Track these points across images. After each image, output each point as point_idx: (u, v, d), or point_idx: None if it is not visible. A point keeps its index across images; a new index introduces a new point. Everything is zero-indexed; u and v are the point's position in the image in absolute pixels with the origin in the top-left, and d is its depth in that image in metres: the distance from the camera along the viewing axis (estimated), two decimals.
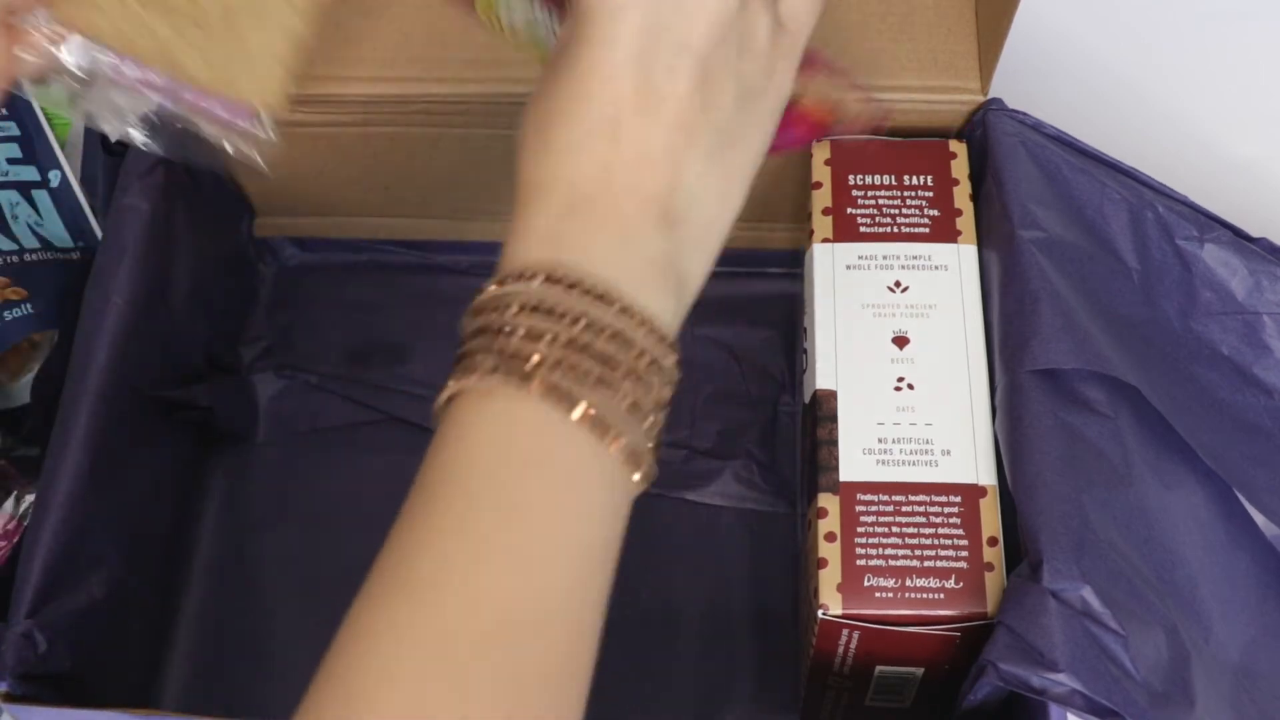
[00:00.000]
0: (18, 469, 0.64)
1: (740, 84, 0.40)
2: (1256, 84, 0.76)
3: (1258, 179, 0.73)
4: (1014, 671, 0.47)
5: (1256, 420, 0.59)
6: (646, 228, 0.38)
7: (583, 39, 0.38)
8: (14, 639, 0.52)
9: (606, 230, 0.38)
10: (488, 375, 0.36)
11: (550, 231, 0.38)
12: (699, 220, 0.40)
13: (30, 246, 0.65)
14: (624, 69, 0.38)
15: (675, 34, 0.38)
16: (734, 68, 0.40)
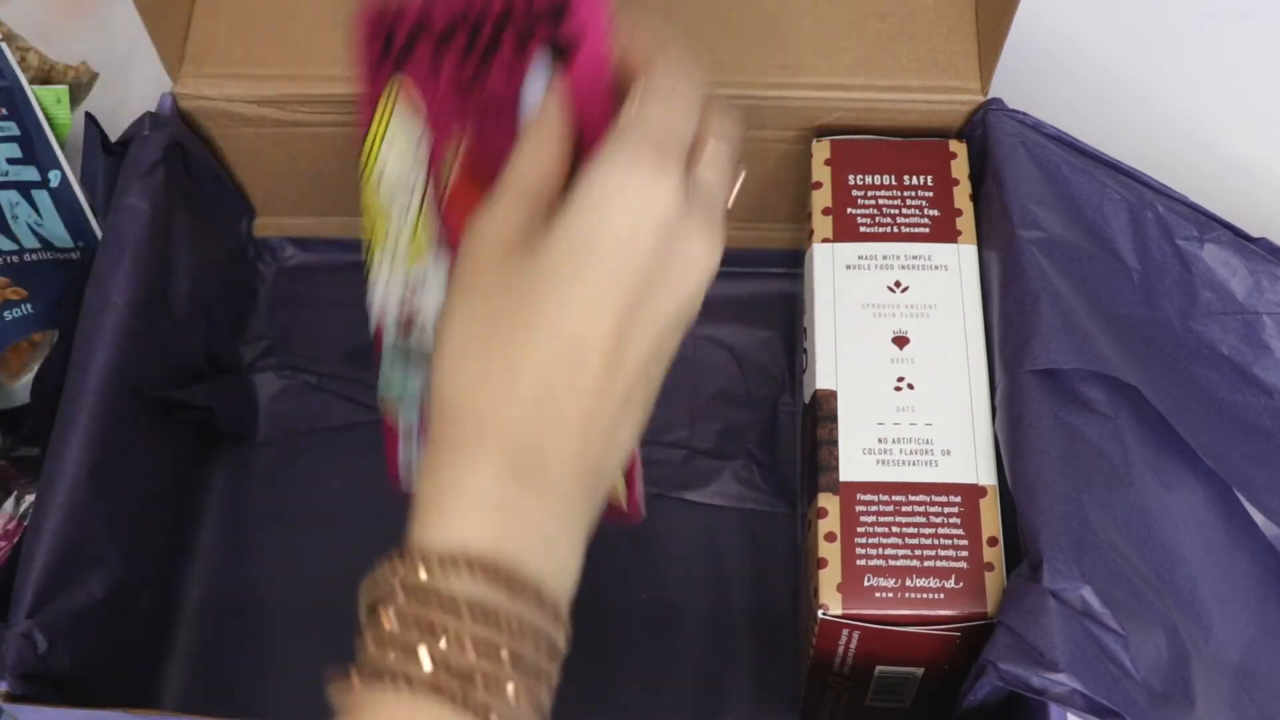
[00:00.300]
0: (18, 469, 0.64)
1: (667, 355, 0.40)
2: (1256, 84, 0.76)
3: (1258, 179, 0.73)
4: (1014, 671, 0.47)
5: (1256, 420, 0.59)
6: (583, 503, 0.37)
7: (586, 260, 0.36)
8: (14, 639, 0.52)
9: (554, 510, 0.37)
10: (426, 688, 0.34)
11: (500, 504, 0.36)
12: (617, 471, 0.39)
13: (30, 246, 0.65)
14: (609, 324, 0.37)
15: (660, 301, 0.38)
16: (672, 340, 0.39)
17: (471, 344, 0.37)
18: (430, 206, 0.48)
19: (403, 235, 0.50)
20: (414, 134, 0.48)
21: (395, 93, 0.48)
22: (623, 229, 0.36)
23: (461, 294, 0.38)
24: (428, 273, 0.49)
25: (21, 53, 0.69)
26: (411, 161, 0.49)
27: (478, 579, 0.35)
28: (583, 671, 0.42)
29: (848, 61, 0.62)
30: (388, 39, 0.48)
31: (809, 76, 0.62)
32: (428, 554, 0.35)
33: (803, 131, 0.64)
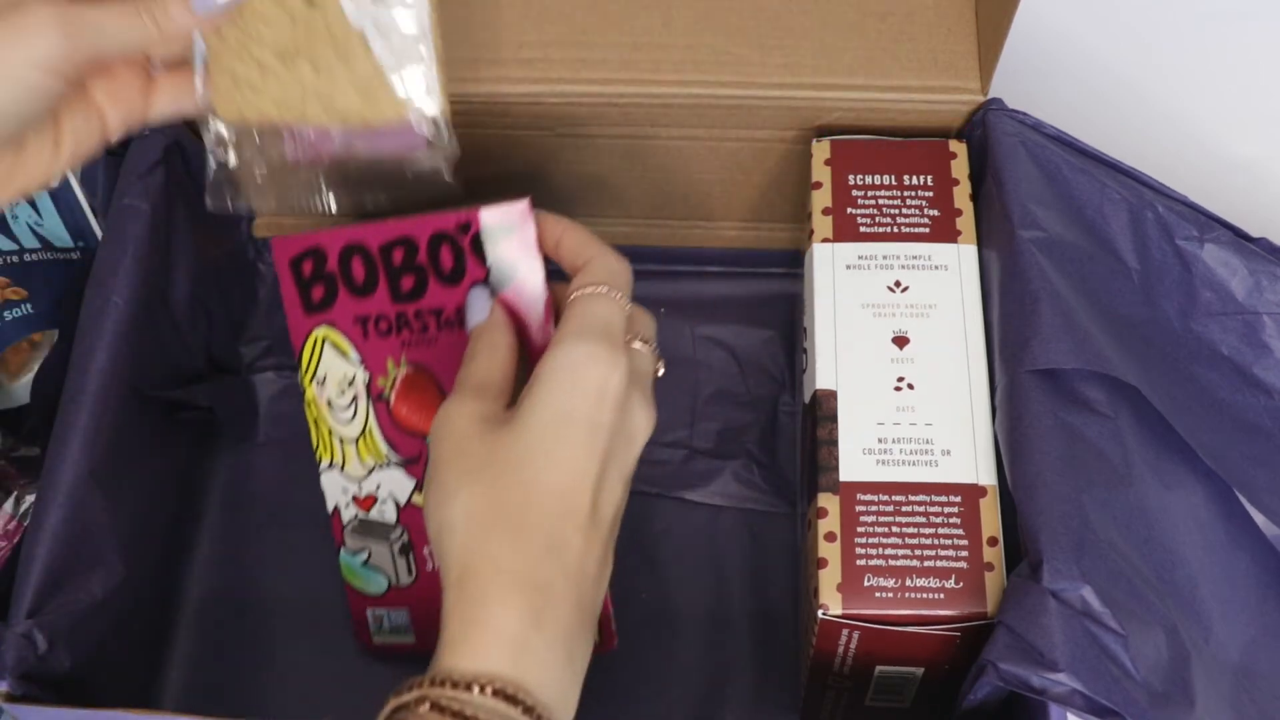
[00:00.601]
0: (18, 469, 0.64)
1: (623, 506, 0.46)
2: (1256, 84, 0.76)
3: (1258, 179, 0.73)
4: (1014, 671, 0.47)
5: (1256, 420, 0.59)
6: (583, 639, 0.43)
7: (565, 437, 0.43)
8: (14, 639, 0.52)
9: (560, 648, 0.42)
10: None
11: (518, 640, 0.41)
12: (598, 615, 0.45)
13: (30, 246, 0.65)
14: (589, 491, 0.43)
15: (620, 463, 0.45)
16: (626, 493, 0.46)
17: (476, 506, 0.43)
18: (375, 418, 0.57)
19: (347, 439, 0.59)
20: (348, 370, 0.57)
21: (322, 339, 0.57)
22: (591, 405, 0.44)
23: (452, 467, 0.44)
24: (386, 464, 0.58)
25: None
26: (347, 387, 0.57)
27: (498, 701, 0.40)
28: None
29: (848, 61, 0.62)
30: (307, 285, 0.57)
31: (809, 76, 0.62)
32: (455, 677, 0.40)
33: (803, 131, 0.64)
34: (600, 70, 0.62)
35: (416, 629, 0.61)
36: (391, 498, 0.59)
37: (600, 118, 0.64)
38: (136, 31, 0.46)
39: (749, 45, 0.63)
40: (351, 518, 0.60)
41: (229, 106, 0.51)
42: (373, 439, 0.58)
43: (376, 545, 0.60)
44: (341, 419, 0.58)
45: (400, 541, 0.59)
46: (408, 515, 0.59)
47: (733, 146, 0.66)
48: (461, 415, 0.45)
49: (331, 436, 0.59)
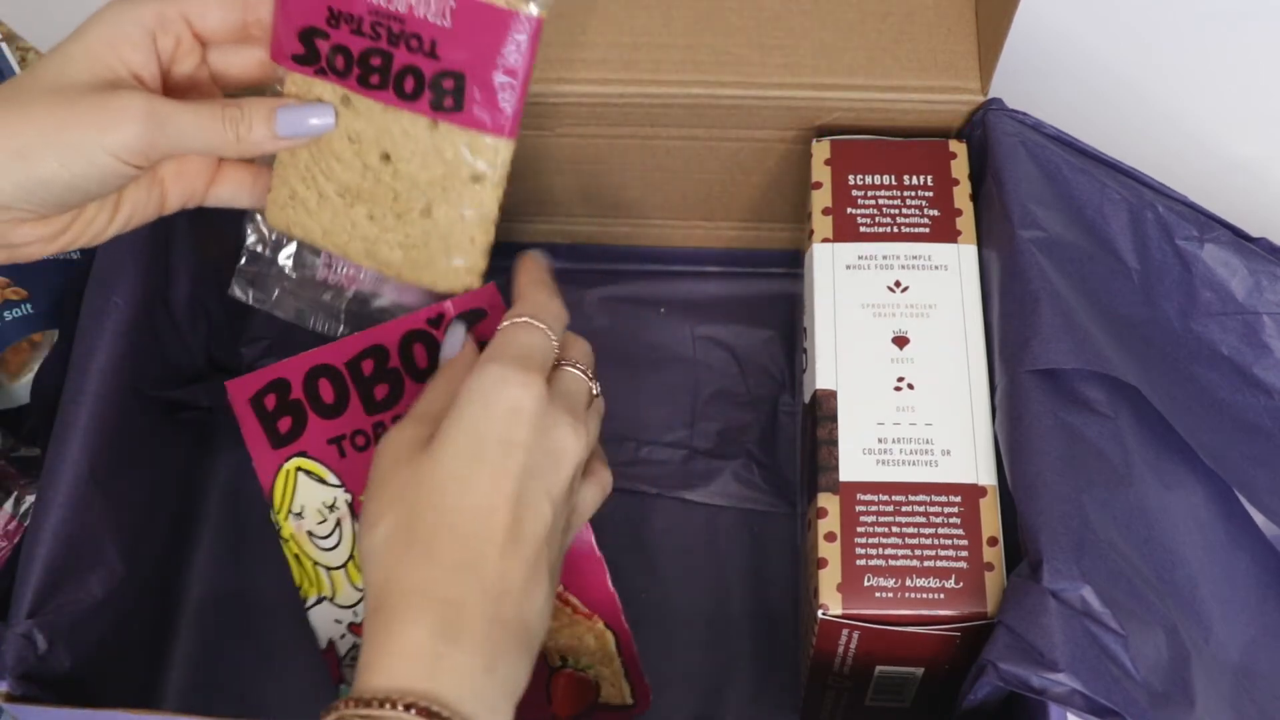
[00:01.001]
0: (18, 469, 0.64)
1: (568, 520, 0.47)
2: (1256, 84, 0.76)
3: (1258, 179, 0.73)
4: (1014, 671, 0.47)
5: (1256, 420, 0.59)
6: (509, 655, 0.43)
7: (477, 458, 0.44)
8: (14, 639, 0.52)
9: (478, 660, 0.42)
10: None
11: (428, 654, 0.41)
12: (540, 633, 0.45)
13: None
14: (506, 510, 0.44)
15: (544, 481, 0.45)
16: (566, 507, 0.46)
17: (393, 533, 0.44)
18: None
19: (334, 567, 0.57)
20: (326, 495, 0.56)
21: (294, 470, 0.56)
22: (502, 425, 0.44)
23: (378, 496, 0.45)
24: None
25: (21, 53, 0.69)
26: (328, 513, 0.56)
27: (414, 715, 0.40)
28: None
29: (848, 61, 0.62)
30: (271, 419, 0.55)
31: (809, 76, 0.62)
32: (369, 695, 0.40)
33: (803, 131, 0.64)
34: (600, 70, 0.62)
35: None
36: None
37: (600, 118, 0.64)
38: (217, 138, 0.48)
39: (749, 45, 0.63)
40: (350, 648, 0.57)
41: (279, 216, 0.53)
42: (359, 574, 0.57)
43: None
44: (324, 547, 0.57)
45: None
46: None
47: (733, 146, 0.66)
48: (394, 442, 0.46)
49: (316, 569, 0.57)
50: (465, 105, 0.49)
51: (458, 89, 0.49)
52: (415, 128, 0.50)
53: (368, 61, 0.49)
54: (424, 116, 0.49)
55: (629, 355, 0.70)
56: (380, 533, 0.44)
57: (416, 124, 0.49)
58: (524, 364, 0.46)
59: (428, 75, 0.49)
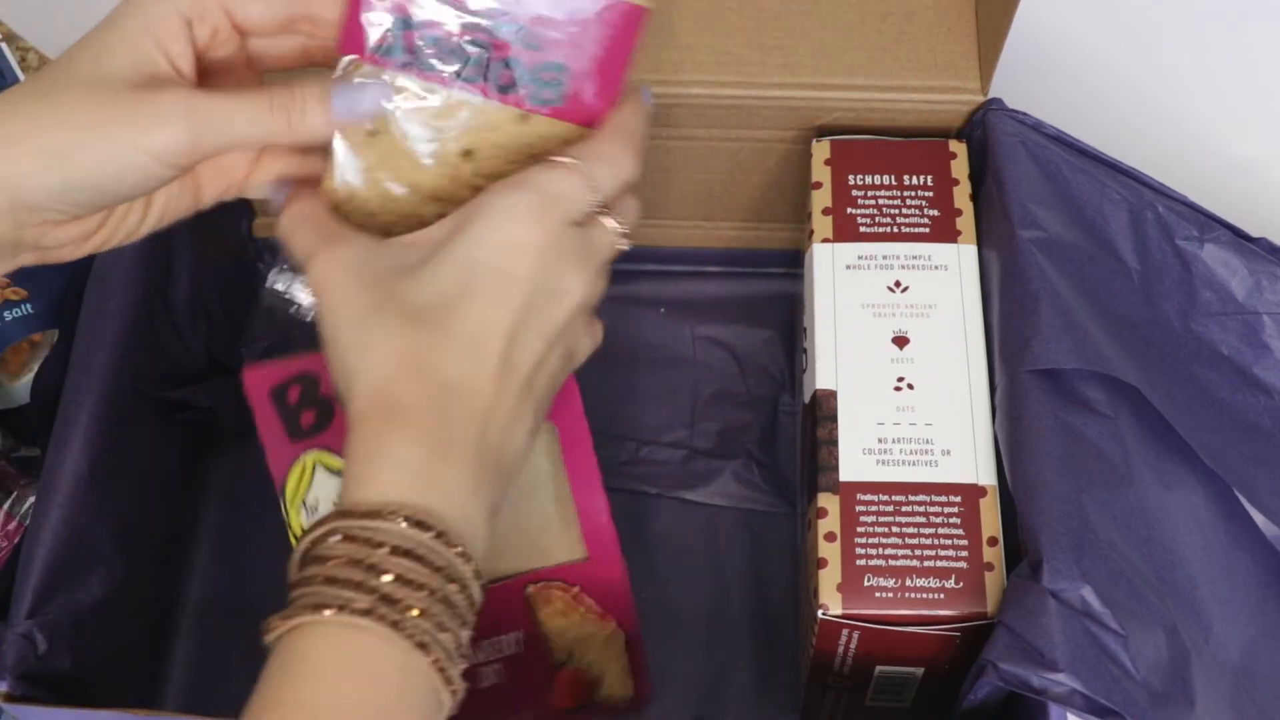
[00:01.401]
0: (18, 469, 0.64)
1: (560, 363, 0.46)
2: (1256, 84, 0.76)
3: (1258, 179, 0.73)
4: (1014, 671, 0.47)
5: (1256, 420, 0.59)
6: (491, 480, 0.43)
7: (474, 292, 0.43)
8: (14, 639, 0.52)
9: (465, 480, 0.42)
10: (359, 614, 0.38)
11: (420, 470, 0.41)
12: (518, 466, 0.45)
13: None
14: (500, 339, 0.43)
15: (540, 318, 0.44)
16: (560, 348, 0.45)
17: (378, 343, 0.42)
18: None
19: None
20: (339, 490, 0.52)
21: (312, 465, 0.55)
22: (499, 259, 0.43)
23: (357, 304, 0.43)
24: None
25: (21, 53, 0.69)
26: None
27: (408, 526, 0.39)
28: None
29: (848, 61, 0.62)
30: (294, 412, 0.54)
31: (809, 76, 0.62)
32: (363, 508, 0.40)
33: (803, 131, 0.64)
34: None
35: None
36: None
37: None
38: (267, 128, 0.46)
39: (749, 45, 0.63)
40: None
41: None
42: None
43: None
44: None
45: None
46: None
47: (733, 146, 0.65)
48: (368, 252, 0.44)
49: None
50: (564, 98, 0.47)
51: (557, 82, 0.47)
52: (504, 120, 0.47)
53: (465, 53, 0.47)
54: (515, 109, 0.47)
55: (629, 355, 0.70)
56: (365, 350, 0.42)
57: (505, 117, 0.47)
58: (542, 206, 0.44)
59: (529, 66, 0.47)
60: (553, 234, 0.44)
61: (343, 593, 0.39)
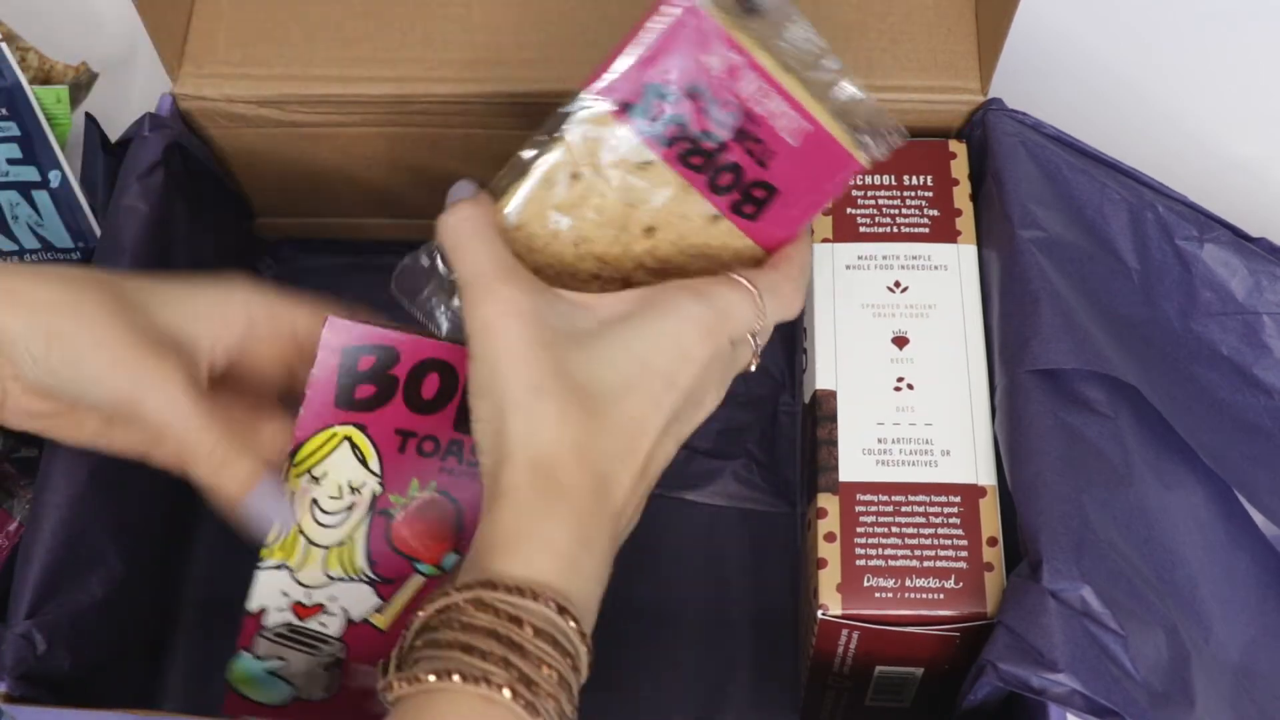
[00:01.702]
0: (18, 469, 0.64)
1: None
2: (1256, 84, 0.76)
3: (1258, 179, 0.73)
4: (1014, 671, 0.47)
5: (1256, 420, 0.59)
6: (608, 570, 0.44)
7: (639, 390, 0.44)
8: (13, 639, 0.52)
9: (599, 570, 0.43)
10: (498, 689, 0.39)
11: (569, 555, 0.42)
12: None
13: (30, 247, 0.65)
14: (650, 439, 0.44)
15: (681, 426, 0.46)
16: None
17: (549, 418, 0.43)
18: (365, 530, 0.53)
19: (317, 543, 0.53)
20: (359, 478, 0.53)
21: (342, 438, 0.53)
22: (669, 365, 0.44)
23: (531, 365, 0.43)
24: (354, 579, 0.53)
25: (21, 53, 0.69)
26: (349, 493, 0.53)
27: (553, 611, 0.40)
28: None
29: (847, 61, 0.62)
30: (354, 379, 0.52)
31: None
32: (510, 582, 0.40)
33: None
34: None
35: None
36: (344, 612, 0.53)
37: None
38: (192, 461, 0.50)
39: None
40: (280, 623, 0.53)
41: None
42: (351, 551, 0.53)
43: (298, 656, 0.53)
44: (322, 521, 0.53)
45: (333, 657, 0.53)
46: (355, 633, 0.53)
47: None
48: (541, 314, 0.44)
49: (297, 537, 0.53)
50: (760, 216, 0.48)
51: (765, 200, 0.48)
52: (698, 214, 0.48)
53: (699, 143, 0.47)
54: (714, 209, 0.48)
55: None
56: (523, 415, 0.42)
57: (701, 210, 0.48)
58: (718, 323, 0.45)
59: (747, 177, 0.48)
60: (717, 351, 0.45)
61: (483, 664, 0.39)
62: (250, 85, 0.63)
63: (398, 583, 0.53)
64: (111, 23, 0.76)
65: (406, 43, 0.63)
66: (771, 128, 0.47)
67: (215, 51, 0.64)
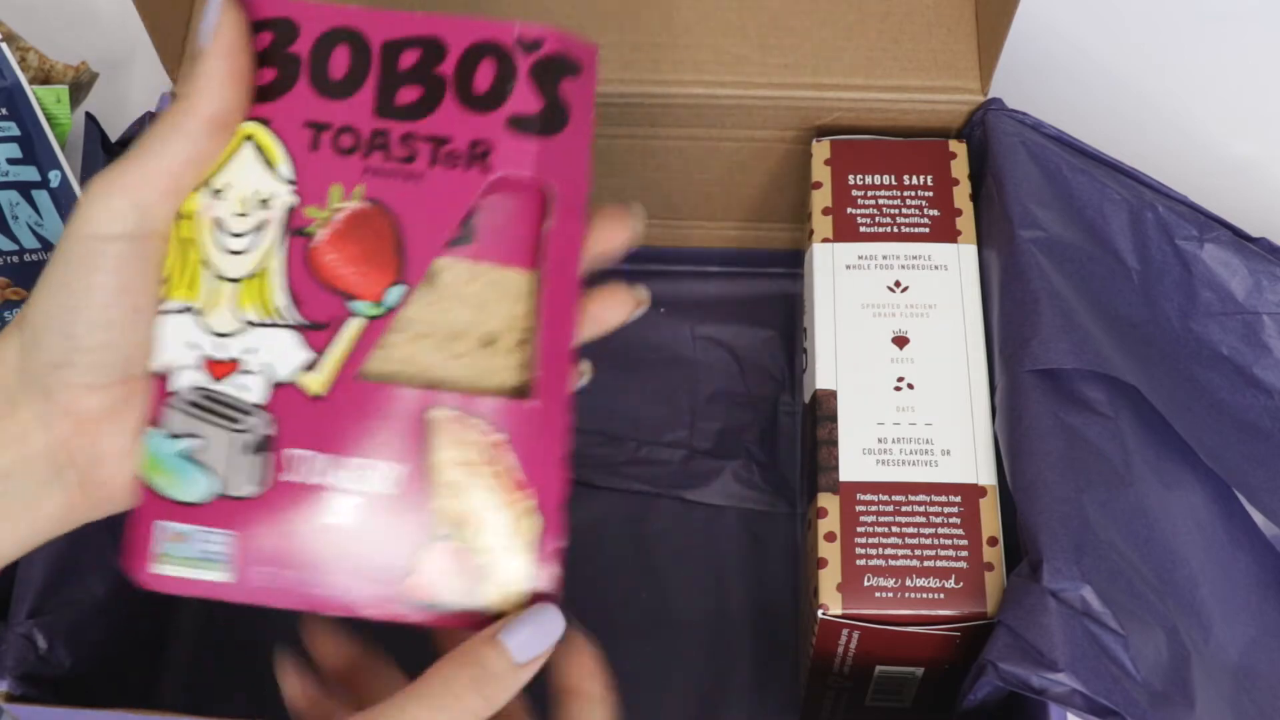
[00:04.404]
0: None
1: None
2: (1256, 84, 0.76)
3: (1258, 179, 0.73)
4: (1014, 671, 0.47)
5: (1256, 420, 0.59)
6: None
7: None
8: (14, 639, 0.52)
9: None
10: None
11: None
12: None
13: (30, 246, 0.65)
14: None
15: None
16: None
17: None
18: (281, 258, 0.42)
19: (225, 276, 0.42)
20: (267, 186, 0.42)
21: (243, 137, 0.42)
22: None
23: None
24: (273, 323, 0.42)
25: (21, 53, 0.69)
26: (256, 207, 0.42)
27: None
28: None
29: (848, 61, 0.62)
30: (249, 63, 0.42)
31: (809, 76, 0.62)
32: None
33: (803, 131, 0.64)
34: (600, 70, 0.62)
35: (235, 565, 0.42)
36: (265, 370, 0.42)
37: (600, 117, 0.63)
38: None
39: (749, 45, 0.63)
40: (190, 386, 0.42)
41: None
42: (265, 285, 0.42)
43: (215, 432, 0.42)
44: (227, 246, 0.42)
45: (256, 434, 0.42)
46: (282, 399, 0.41)
47: (732, 146, 0.66)
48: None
49: (200, 269, 0.42)
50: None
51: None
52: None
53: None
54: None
55: (629, 355, 0.70)
56: None
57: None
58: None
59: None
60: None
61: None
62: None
63: (331, 327, 0.42)
64: (111, 23, 0.76)
65: None
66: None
67: None
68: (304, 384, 0.42)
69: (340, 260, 0.42)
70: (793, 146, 0.65)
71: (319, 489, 0.41)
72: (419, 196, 0.41)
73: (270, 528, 0.42)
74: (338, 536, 0.41)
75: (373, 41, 0.42)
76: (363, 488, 0.41)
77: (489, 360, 0.42)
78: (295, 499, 0.41)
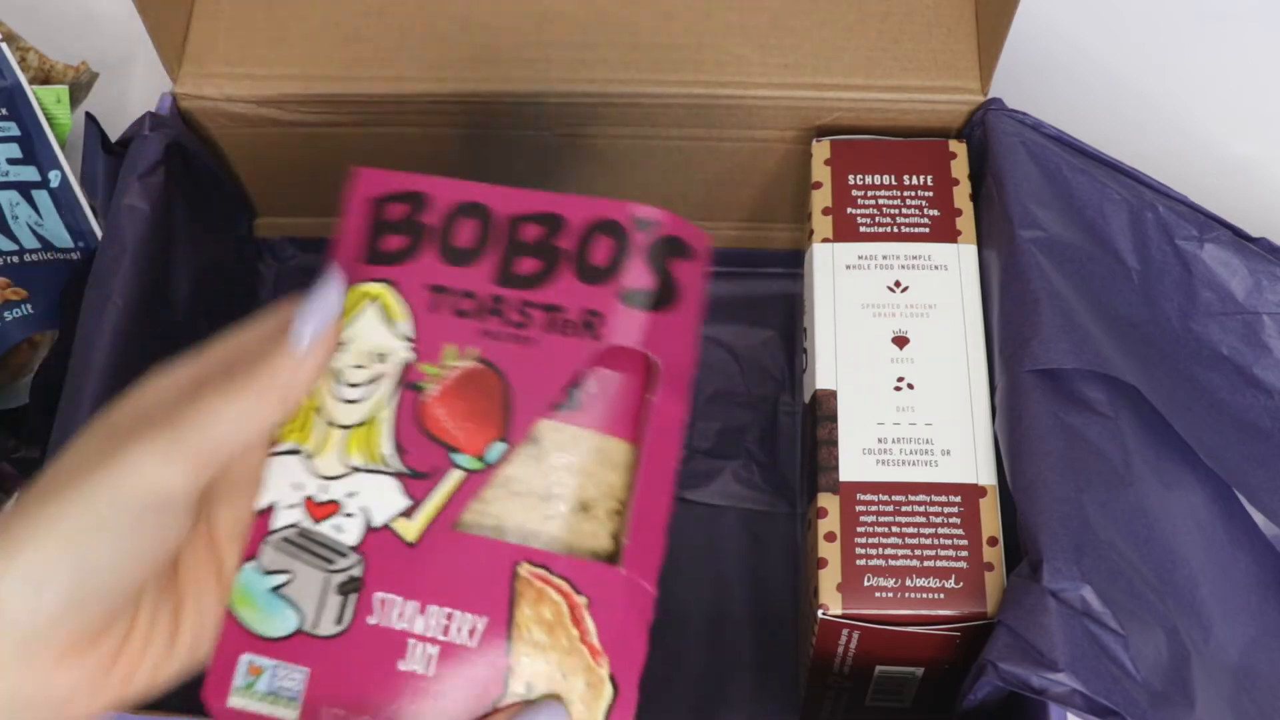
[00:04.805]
0: (18, 470, 0.64)
1: None
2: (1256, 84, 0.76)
3: (1258, 179, 0.73)
4: (1014, 671, 0.47)
5: (1256, 420, 0.59)
6: None
7: None
8: None
9: None
10: None
11: None
12: None
13: (30, 246, 0.65)
14: None
15: None
16: None
17: None
18: (392, 409, 0.44)
19: (336, 424, 0.44)
20: (386, 343, 0.45)
21: (365, 298, 0.45)
22: None
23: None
24: (377, 470, 0.44)
25: (21, 53, 0.69)
26: (375, 361, 0.45)
27: None
28: None
29: (848, 61, 0.62)
30: (382, 230, 0.45)
31: (809, 76, 0.62)
32: None
33: (803, 131, 0.64)
34: (600, 70, 0.62)
35: (307, 704, 0.42)
36: (363, 513, 0.43)
37: (600, 118, 0.64)
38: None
39: (749, 45, 0.63)
40: (290, 524, 0.44)
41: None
42: (374, 433, 0.44)
43: (307, 570, 0.43)
44: (342, 396, 0.44)
45: (347, 574, 0.43)
46: (375, 542, 0.43)
47: (732, 146, 0.66)
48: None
49: (312, 416, 0.44)
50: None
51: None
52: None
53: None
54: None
55: None
56: None
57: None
58: None
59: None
60: None
61: None
62: (250, 85, 0.63)
63: (431, 478, 0.43)
64: (111, 23, 0.76)
65: (406, 43, 0.63)
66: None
67: (215, 51, 0.64)
68: (399, 530, 0.43)
69: (448, 415, 0.44)
70: (793, 146, 0.65)
71: (399, 635, 0.41)
72: (529, 360, 0.43)
73: (347, 669, 0.42)
74: (411, 684, 0.42)
75: (498, 215, 0.45)
76: (442, 637, 0.42)
77: (581, 524, 0.43)
78: (375, 642, 0.42)
